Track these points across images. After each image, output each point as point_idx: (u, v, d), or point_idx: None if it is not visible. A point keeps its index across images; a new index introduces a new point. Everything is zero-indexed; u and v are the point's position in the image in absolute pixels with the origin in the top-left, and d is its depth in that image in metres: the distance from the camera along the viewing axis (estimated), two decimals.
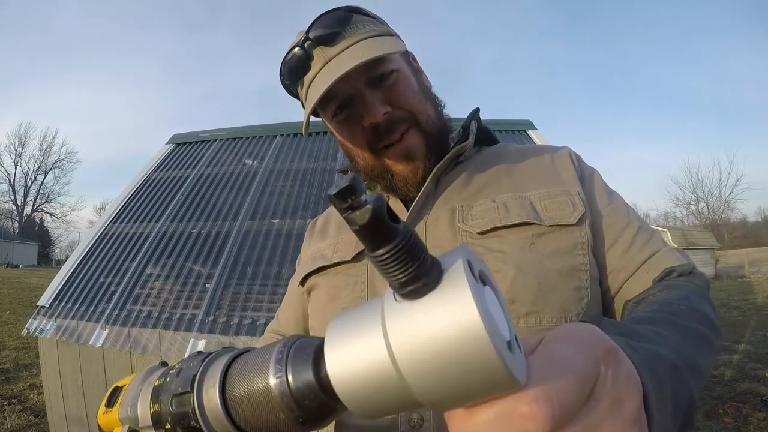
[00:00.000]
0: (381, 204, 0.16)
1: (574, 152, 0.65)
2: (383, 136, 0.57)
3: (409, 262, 0.17)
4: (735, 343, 5.35)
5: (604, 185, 0.61)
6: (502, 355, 0.16)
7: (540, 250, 0.52)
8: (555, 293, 0.50)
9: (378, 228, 0.16)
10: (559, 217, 0.54)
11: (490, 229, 0.54)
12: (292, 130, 3.52)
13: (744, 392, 3.60)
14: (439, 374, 0.16)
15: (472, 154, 0.65)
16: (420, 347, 0.16)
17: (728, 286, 12.98)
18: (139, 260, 2.55)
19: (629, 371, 0.24)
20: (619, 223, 0.57)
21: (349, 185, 0.16)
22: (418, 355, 0.16)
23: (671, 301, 0.47)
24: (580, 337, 0.23)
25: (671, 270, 0.53)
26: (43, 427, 3.01)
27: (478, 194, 0.59)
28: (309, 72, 0.56)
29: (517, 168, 0.62)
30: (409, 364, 0.16)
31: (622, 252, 0.55)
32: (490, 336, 0.16)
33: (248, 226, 2.63)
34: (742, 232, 34.45)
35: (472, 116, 0.69)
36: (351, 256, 0.60)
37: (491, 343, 0.16)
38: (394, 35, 0.59)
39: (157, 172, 3.31)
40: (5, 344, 5.55)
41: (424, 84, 0.63)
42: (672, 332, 0.39)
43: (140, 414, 0.24)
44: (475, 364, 0.16)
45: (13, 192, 38.83)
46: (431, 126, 0.59)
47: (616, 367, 0.23)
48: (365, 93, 0.55)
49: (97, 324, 2.23)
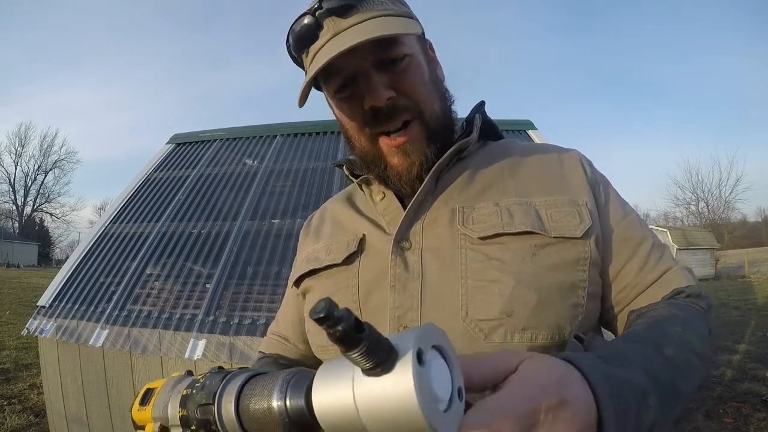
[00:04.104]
0: (350, 324, 0.23)
1: (585, 157, 0.61)
2: (383, 121, 0.54)
3: (372, 358, 0.24)
4: (735, 343, 5.35)
5: (618, 197, 0.59)
6: (433, 426, 0.24)
7: (541, 262, 0.50)
8: (552, 309, 0.49)
9: (348, 340, 0.23)
10: (565, 229, 0.51)
11: (491, 235, 0.51)
12: (292, 130, 3.52)
13: (744, 392, 3.59)
14: (386, 429, 0.25)
15: (476, 150, 0.62)
16: (376, 411, 0.24)
17: (728, 286, 12.98)
18: (139, 260, 2.55)
19: (575, 416, 0.30)
20: (634, 239, 0.55)
21: (326, 314, 0.22)
22: (375, 414, 0.25)
23: (670, 321, 0.48)
24: (541, 384, 0.30)
25: (680, 291, 0.53)
26: (43, 427, 3.00)
27: (480, 195, 0.56)
28: (316, 42, 0.53)
29: (523, 169, 0.59)
30: (367, 419, 0.25)
31: (637, 270, 0.54)
32: (423, 412, 0.23)
33: (248, 226, 2.63)
34: (742, 232, 34.46)
35: (476, 109, 0.66)
36: (342, 259, 0.58)
37: (425, 420, 0.23)
38: (413, 18, 0.56)
39: (157, 172, 3.31)
40: (5, 344, 5.55)
41: (436, 75, 0.59)
42: (657, 355, 0.42)
43: (170, 415, 0.30)
44: (410, 428, 0.24)
45: (13, 192, 38.87)
46: (434, 121, 0.56)
47: (558, 415, 0.29)
48: (371, 73, 0.52)
49: (97, 324, 2.23)
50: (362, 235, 0.59)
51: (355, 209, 0.64)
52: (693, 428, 3.03)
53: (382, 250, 0.55)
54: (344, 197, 0.69)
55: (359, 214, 0.63)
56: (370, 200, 0.63)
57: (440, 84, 0.60)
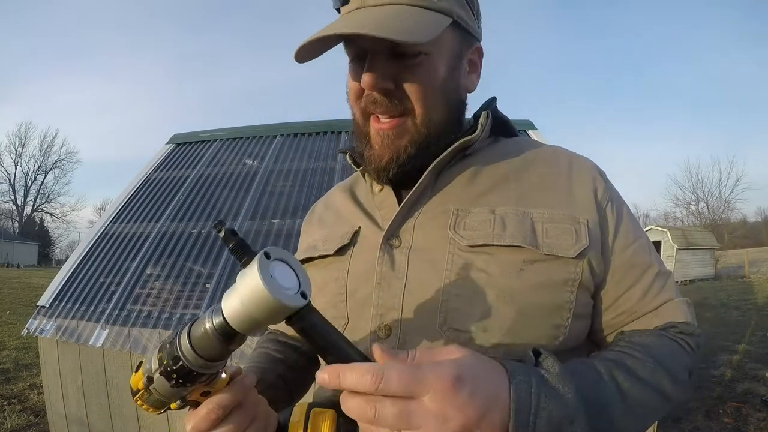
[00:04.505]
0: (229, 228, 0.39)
1: (600, 171, 0.58)
2: (370, 107, 0.54)
3: (242, 256, 0.37)
4: (735, 343, 5.35)
5: (630, 218, 0.56)
6: (273, 295, 0.34)
7: (527, 280, 0.48)
8: (531, 329, 0.48)
9: (226, 240, 0.38)
10: (558, 247, 0.49)
11: (480, 245, 0.50)
12: (292, 130, 3.52)
13: (744, 392, 3.60)
14: (247, 304, 0.35)
15: (484, 146, 0.60)
16: (245, 292, 0.35)
17: (728, 286, 12.98)
18: (139, 260, 2.55)
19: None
20: (640, 265, 0.53)
21: (218, 222, 0.39)
22: (245, 294, 0.35)
23: (649, 353, 0.48)
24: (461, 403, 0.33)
25: (674, 325, 0.52)
26: (43, 427, 3.00)
27: (479, 198, 0.54)
28: (347, 5, 0.52)
29: (529, 175, 0.56)
30: (245, 302, 0.35)
31: (639, 298, 0.53)
32: (265, 285, 0.34)
33: (248, 226, 2.63)
34: (742, 232, 34.46)
35: (485, 105, 0.62)
36: (333, 251, 0.58)
37: (266, 290, 0.34)
38: (450, 14, 0.51)
39: (157, 172, 3.31)
40: (5, 344, 5.55)
41: (453, 83, 0.55)
42: (610, 385, 0.44)
43: (152, 365, 0.38)
44: (258, 296, 0.35)
45: (13, 192, 38.88)
46: (426, 126, 0.54)
47: None
48: (377, 57, 0.51)
49: (97, 324, 2.23)
50: (358, 227, 0.59)
51: (355, 200, 0.64)
52: (693, 428, 3.03)
53: (373, 245, 0.55)
54: (347, 186, 0.69)
55: (357, 206, 0.62)
56: (369, 191, 0.62)
57: (454, 93, 0.56)
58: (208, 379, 0.39)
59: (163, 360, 0.37)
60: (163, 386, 0.38)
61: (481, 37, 0.60)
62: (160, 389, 0.38)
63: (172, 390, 0.38)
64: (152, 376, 0.38)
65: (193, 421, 0.41)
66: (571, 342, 0.50)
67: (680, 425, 3.05)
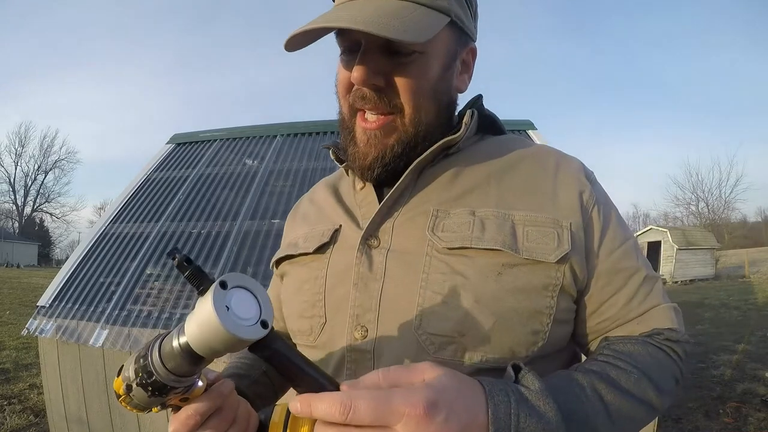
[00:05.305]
0: (183, 257, 0.37)
1: (587, 172, 0.56)
2: (358, 103, 0.52)
3: (198, 284, 0.36)
4: (735, 343, 5.36)
5: (618, 221, 0.54)
6: (228, 329, 0.34)
7: (505, 283, 0.47)
8: (509, 334, 0.47)
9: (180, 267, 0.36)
10: (538, 251, 0.48)
11: (458, 247, 0.49)
12: (292, 130, 3.52)
13: (744, 392, 3.60)
14: (205, 334, 0.35)
15: (469, 145, 0.58)
16: (202, 321, 0.35)
17: (728, 286, 12.99)
18: (139, 260, 2.55)
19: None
20: (626, 270, 0.52)
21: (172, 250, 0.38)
22: (202, 323, 0.35)
23: (633, 363, 0.48)
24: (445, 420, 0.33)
25: (660, 332, 0.51)
26: (43, 427, 3.00)
27: (460, 200, 0.53)
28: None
29: (512, 175, 0.55)
30: (201, 330, 0.35)
31: (624, 303, 0.52)
32: (219, 319, 0.34)
33: (248, 226, 2.63)
34: (742, 232, 34.44)
35: (470, 104, 0.61)
36: (313, 249, 0.57)
37: (220, 324, 0.34)
38: (448, 13, 0.50)
39: (157, 172, 3.31)
40: (5, 344, 5.55)
41: (445, 84, 0.55)
42: (593, 399, 0.44)
43: (130, 374, 0.39)
44: (214, 329, 0.34)
45: (13, 192, 38.89)
46: (415, 125, 0.52)
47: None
48: (370, 52, 0.50)
49: (97, 324, 2.23)
50: (339, 225, 0.58)
51: (337, 197, 0.63)
52: (693, 428, 3.03)
53: (352, 245, 0.54)
54: (332, 182, 0.68)
55: (339, 203, 0.62)
56: (352, 187, 0.61)
57: (445, 93, 0.55)
58: (183, 390, 0.40)
59: (138, 372, 0.38)
60: (141, 395, 0.39)
61: (476, 37, 0.59)
62: (139, 398, 0.39)
63: (149, 399, 0.39)
64: (131, 384, 0.39)
65: (174, 426, 0.42)
66: (551, 347, 0.50)
67: (680, 425, 3.05)
